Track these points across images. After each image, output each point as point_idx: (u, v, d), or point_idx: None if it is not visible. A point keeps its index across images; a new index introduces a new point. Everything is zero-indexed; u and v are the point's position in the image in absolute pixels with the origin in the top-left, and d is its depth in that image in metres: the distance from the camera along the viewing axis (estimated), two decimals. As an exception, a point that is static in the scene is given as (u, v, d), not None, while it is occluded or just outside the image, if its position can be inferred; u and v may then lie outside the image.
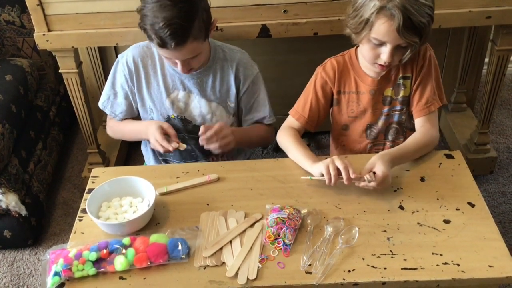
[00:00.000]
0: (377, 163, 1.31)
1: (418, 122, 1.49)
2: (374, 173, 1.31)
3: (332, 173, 1.30)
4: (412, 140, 1.45)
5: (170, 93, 1.62)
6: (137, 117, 1.71)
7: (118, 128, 1.72)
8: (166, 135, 1.51)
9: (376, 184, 1.29)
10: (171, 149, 1.49)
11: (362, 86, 1.51)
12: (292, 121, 1.57)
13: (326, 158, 1.37)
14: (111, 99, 1.67)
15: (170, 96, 1.62)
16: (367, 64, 1.47)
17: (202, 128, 1.50)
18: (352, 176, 1.29)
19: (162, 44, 1.39)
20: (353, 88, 1.52)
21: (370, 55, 1.40)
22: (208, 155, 1.68)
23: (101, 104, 1.70)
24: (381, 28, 1.32)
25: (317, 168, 1.35)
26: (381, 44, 1.36)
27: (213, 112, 1.63)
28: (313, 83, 1.54)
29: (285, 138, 1.52)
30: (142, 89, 1.63)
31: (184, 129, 1.66)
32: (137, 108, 1.67)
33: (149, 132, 1.54)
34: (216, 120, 1.63)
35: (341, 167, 1.30)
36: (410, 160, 1.43)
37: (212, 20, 1.49)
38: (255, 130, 1.68)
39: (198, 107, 1.63)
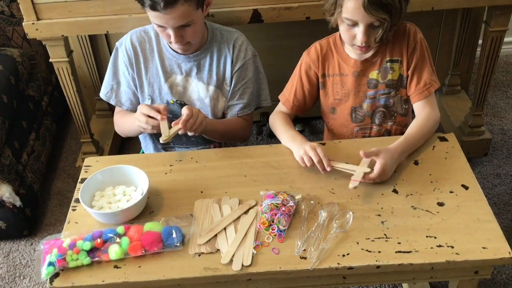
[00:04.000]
0: (381, 155, 1.31)
1: (418, 106, 1.49)
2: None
3: (308, 164, 1.35)
4: (417, 128, 1.44)
5: (168, 77, 1.61)
6: None
7: (118, 122, 1.69)
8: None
9: (374, 176, 1.29)
10: (158, 117, 1.44)
11: (345, 68, 1.51)
12: (280, 105, 1.60)
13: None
14: (115, 89, 1.65)
15: (168, 80, 1.61)
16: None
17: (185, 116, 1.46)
18: (328, 169, 1.32)
19: (153, 5, 1.39)
20: (336, 71, 1.52)
21: (346, 36, 1.41)
22: (209, 141, 1.67)
23: (104, 95, 1.67)
24: (349, 6, 1.33)
25: (297, 154, 1.39)
26: (354, 24, 1.36)
27: (211, 96, 1.62)
28: (298, 68, 1.56)
29: (275, 122, 1.57)
30: (142, 75, 1.62)
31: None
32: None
33: (136, 114, 1.49)
34: (214, 104, 1.63)
35: (315, 160, 1.33)
36: (417, 147, 1.42)
37: None
38: (229, 120, 1.65)
39: (196, 91, 1.62)
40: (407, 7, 1.38)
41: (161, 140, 1.40)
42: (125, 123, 1.65)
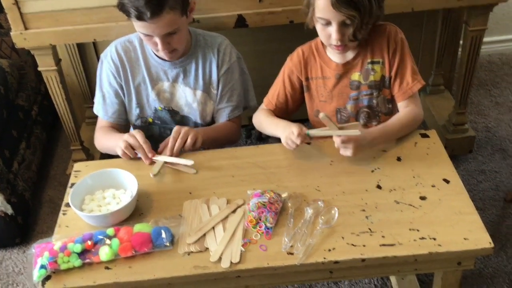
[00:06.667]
0: (356, 128, 1.39)
1: (402, 105, 1.53)
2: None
3: (293, 146, 1.41)
4: (396, 118, 1.49)
5: (155, 85, 1.63)
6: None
7: (99, 139, 1.66)
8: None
9: (342, 139, 1.36)
10: (146, 162, 1.45)
11: (327, 71, 1.54)
12: (262, 106, 1.64)
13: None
14: (101, 102, 1.66)
15: (156, 87, 1.63)
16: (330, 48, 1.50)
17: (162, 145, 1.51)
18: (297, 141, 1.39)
19: (139, 15, 1.41)
20: (319, 74, 1.55)
21: (322, 36, 1.45)
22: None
23: (94, 109, 1.69)
24: (319, 5, 1.37)
25: (283, 141, 1.44)
26: (328, 23, 1.40)
27: (198, 101, 1.65)
28: (282, 73, 1.60)
29: (258, 119, 1.61)
30: (129, 83, 1.64)
31: (172, 120, 1.68)
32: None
33: (118, 142, 1.47)
34: (202, 108, 1.65)
35: (297, 141, 1.39)
36: (393, 139, 1.46)
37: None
38: (220, 126, 1.68)
39: (184, 96, 1.65)
40: (382, 6, 1.41)
41: (152, 175, 1.42)
42: (106, 142, 1.62)
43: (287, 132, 1.42)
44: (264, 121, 1.59)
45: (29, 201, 2.15)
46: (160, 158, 1.46)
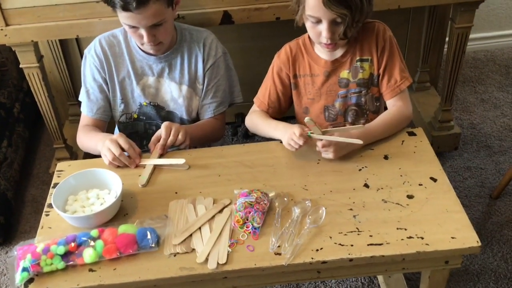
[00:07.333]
0: (337, 133, 1.38)
1: (390, 103, 1.52)
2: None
3: (296, 147, 1.39)
4: (382, 118, 1.49)
5: (140, 80, 1.61)
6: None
7: (82, 138, 1.62)
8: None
9: (322, 144, 1.37)
10: (132, 166, 1.42)
11: (316, 68, 1.53)
12: (255, 107, 1.62)
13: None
14: (85, 99, 1.63)
15: (140, 82, 1.61)
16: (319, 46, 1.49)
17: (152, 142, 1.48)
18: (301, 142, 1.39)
19: (125, 6, 1.39)
20: (307, 71, 1.54)
21: (312, 34, 1.43)
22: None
23: (81, 107, 1.66)
24: (310, 3, 1.36)
25: (285, 143, 1.42)
26: (318, 21, 1.38)
27: (184, 96, 1.63)
28: (271, 71, 1.58)
29: (253, 121, 1.58)
30: (114, 77, 1.61)
31: (157, 115, 1.66)
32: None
33: (106, 141, 1.42)
34: (188, 104, 1.63)
35: (300, 142, 1.37)
36: (381, 137, 1.45)
37: None
38: (204, 123, 1.67)
39: (169, 91, 1.63)
40: (371, 4, 1.40)
41: (140, 185, 1.38)
42: (88, 142, 1.58)
43: (288, 133, 1.40)
44: (259, 123, 1.56)
45: (11, 201, 2.11)
46: (149, 162, 1.43)
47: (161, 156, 1.46)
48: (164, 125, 1.48)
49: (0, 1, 1.70)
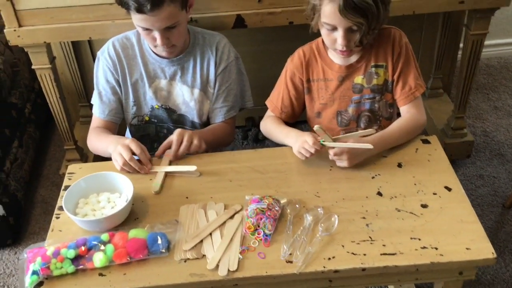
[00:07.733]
0: (351, 140, 1.37)
1: (404, 109, 1.51)
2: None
3: (307, 155, 1.37)
4: (395, 125, 1.47)
5: (152, 82, 1.61)
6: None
7: (92, 141, 1.61)
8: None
9: (335, 151, 1.35)
10: (142, 171, 1.41)
11: (330, 73, 1.52)
12: (269, 112, 1.62)
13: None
14: (98, 100, 1.63)
15: (153, 85, 1.61)
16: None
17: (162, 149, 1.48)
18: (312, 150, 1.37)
19: (139, 8, 1.38)
20: (321, 76, 1.53)
21: (328, 40, 1.43)
22: None
23: (93, 108, 1.65)
24: (326, 11, 1.35)
25: (295, 151, 1.41)
26: (334, 28, 1.37)
27: (196, 99, 1.62)
28: (284, 75, 1.57)
29: (267, 127, 1.58)
30: (126, 80, 1.61)
31: (169, 118, 1.65)
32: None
33: (118, 145, 1.41)
34: (199, 107, 1.63)
35: (312, 150, 1.36)
36: (394, 145, 1.44)
37: None
38: (215, 128, 1.65)
39: (181, 94, 1.62)
40: (388, 11, 1.39)
41: (153, 191, 1.36)
42: (98, 144, 1.57)
43: (300, 141, 1.38)
44: (272, 129, 1.56)
45: (21, 201, 2.11)
46: (160, 169, 1.41)
47: (171, 162, 1.45)
48: (176, 132, 1.47)
49: (14, 2, 1.70)
